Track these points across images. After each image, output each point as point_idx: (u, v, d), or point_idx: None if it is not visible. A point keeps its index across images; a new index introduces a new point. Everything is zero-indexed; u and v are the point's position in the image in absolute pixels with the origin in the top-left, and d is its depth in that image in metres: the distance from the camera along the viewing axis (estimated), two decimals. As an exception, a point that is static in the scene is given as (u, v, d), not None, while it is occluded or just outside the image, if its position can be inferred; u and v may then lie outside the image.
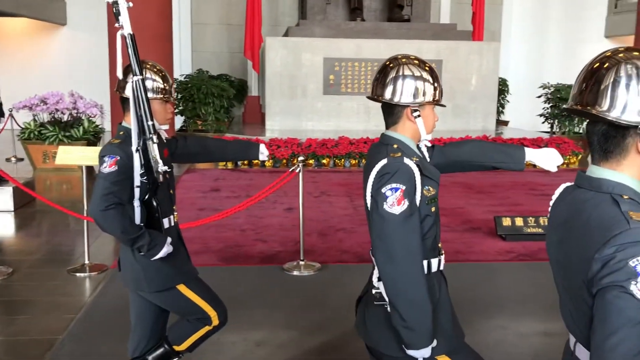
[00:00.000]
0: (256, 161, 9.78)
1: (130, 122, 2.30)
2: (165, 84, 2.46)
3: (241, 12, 15.48)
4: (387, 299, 1.81)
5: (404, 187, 1.76)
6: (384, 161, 1.81)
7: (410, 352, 1.78)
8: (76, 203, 6.24)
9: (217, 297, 2.62)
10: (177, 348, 2.59)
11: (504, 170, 2.22)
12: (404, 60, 1.94)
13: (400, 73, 1.90)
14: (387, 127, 1.97)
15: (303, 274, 4.70)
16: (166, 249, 2.38)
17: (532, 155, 2.17)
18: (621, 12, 17.29)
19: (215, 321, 2.57)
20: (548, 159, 2.17)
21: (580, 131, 12.61)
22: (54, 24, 15.56)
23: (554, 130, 12.92)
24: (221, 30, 16.58)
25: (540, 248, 5.35)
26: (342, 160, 10.14)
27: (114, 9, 2.22)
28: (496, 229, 5.67)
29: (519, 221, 5.64)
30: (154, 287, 2.45)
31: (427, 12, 13.66)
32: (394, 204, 1.74)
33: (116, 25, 2.24)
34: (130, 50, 2.22)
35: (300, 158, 4.84)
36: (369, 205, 1.85)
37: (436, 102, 1.95)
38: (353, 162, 10.15)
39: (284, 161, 9.96)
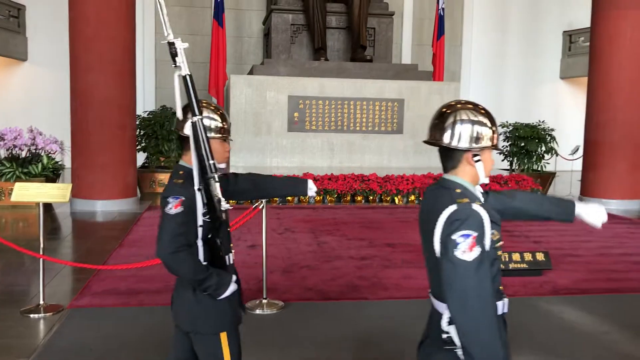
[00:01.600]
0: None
1: (189, 161, 2.29)
2: (223, 123, 2.45)
3: (206, 50, 15.56)
4: (457, 343, 1.82)
5: (475, 234, 1.77)
6: (453, 207, 1.81)
7: None
8: (32, 241, 6.05)
9: (241, 356, 2.51)
10: None
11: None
12: (459, 105, 1.96)
13: (459, 118, 1.91)
14: (446, 171, 1.98)
15: (266, 312, 4.62)
16: (232, 288, 2.34)
17: (581, 209, 2.25)
18: (575, 54, 18.03)
19: None
20: (595, 214, 2.25)
21: (539, 169, 12.95)
22: (15, 59, 15.34)
23: (513, 168, 13.23)
24: (186, 67, 16.59)
25: (508, 283, 5.40)
26: (307, 196, 10.14)
27: (170, 49, 2.20)
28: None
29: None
30: (205, 329, 2.37)
31: (388, 52, 13.98)
32: (466, 250, 1.75)
33: (173, 66, 2.24)
34: (189, 91, 2.22)
35: (264, 194, 4.82)
36: (436, 250, 1.85)
37: (494, 147, 1.96)
38: (317, 198, 10.16)
39: (248, 198, 9.90)
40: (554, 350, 3.99)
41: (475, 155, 1.91)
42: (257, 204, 4.79)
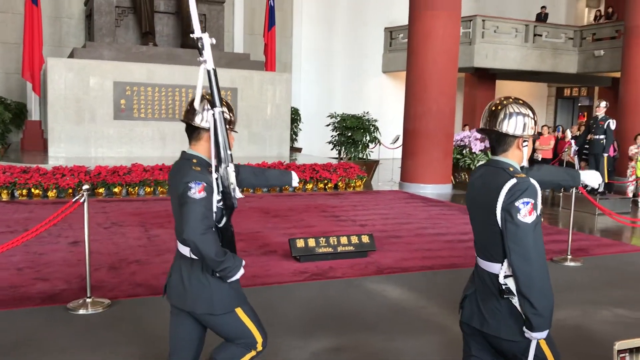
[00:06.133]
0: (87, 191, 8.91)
1: (200, 150, 2.51)
2: (230, 114, 2.58)
3: (18, 29, 14.16)
4: (514, 292, 2.22)
5: (532, 201, 2.18)
6: (513, 180, 2.20)
7: (535, 335, 2.19)
8: None
9: (261, 322, 2.67)
10: None
11: (303, 194, 2.37)
12: (505, 101, 2.36)
13: (510, 111, 2.32)
14: (496, 154, 2.37)
15: (90, 312, 4.35)
16: (242, 271, 2.50)
17: (584, 175, 2.82)
18: (394, 50, 19.32)
19: (260, 347, 2.63)
20: (593, 178, 2.83)
21: (364, 157, 13.71)
22: None
23: (341, 157, 13.86)
24: (-6, 48, 14.96)
25: (330, 267, 5.65)
26: (136, 188, 9.71)
27: (198, 44, 2.38)
28: (291, 251, 5.86)
29: (311, 242, 5.90)
30: (222, 309, 2.51)
31: (220, 41, 13.83)
32: (526, 214, 2.16)
33: (199, 59, 2.42)
34: (212, 84, 2.38)
35: (85, 187, 4.52)
36: (498, 217, 2.22)
37: (536, 134, 2.40)
38: (148, 190, 9.78)
39: (70, 191, 9.24)
40: (378, 327, 4.26)
41: (524, 141, 2.33)
42: (77, 197, 4.47)
